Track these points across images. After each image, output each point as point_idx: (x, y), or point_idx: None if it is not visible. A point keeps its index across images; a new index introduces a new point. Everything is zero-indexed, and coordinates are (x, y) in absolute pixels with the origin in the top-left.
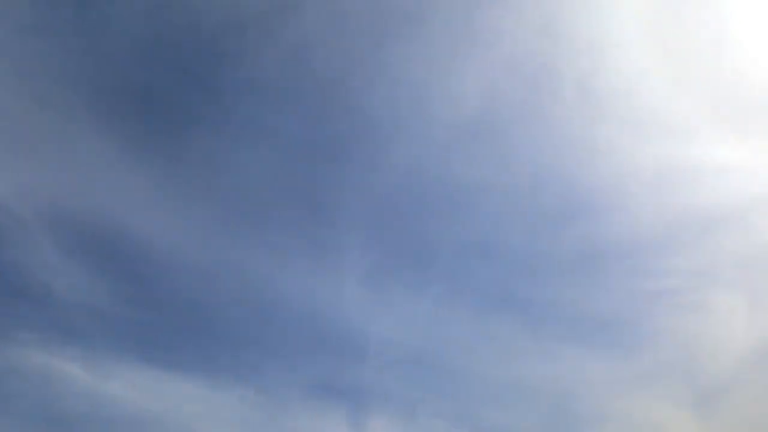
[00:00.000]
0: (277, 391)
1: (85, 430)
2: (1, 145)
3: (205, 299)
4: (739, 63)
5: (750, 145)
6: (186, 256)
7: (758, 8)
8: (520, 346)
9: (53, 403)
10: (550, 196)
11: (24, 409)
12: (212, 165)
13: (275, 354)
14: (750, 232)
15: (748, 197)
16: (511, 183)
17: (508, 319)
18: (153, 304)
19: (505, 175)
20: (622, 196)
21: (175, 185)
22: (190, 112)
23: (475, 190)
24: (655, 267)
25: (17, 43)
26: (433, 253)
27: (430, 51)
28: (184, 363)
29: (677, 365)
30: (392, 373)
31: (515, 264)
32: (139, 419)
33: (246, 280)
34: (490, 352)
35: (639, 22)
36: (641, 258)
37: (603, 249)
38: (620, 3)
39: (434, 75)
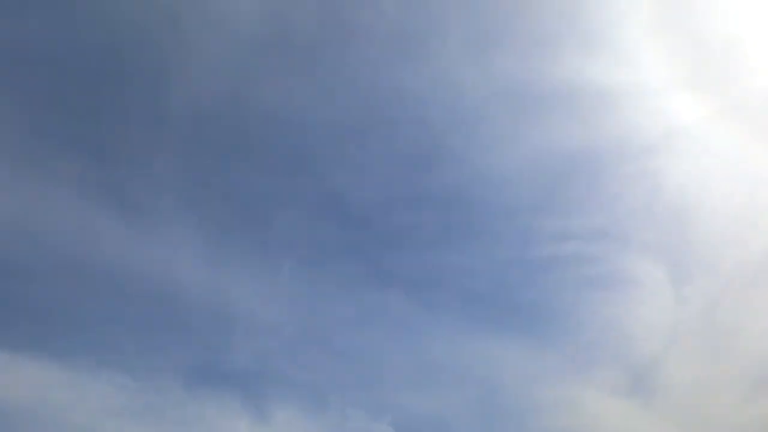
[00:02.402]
0: (153, 375)
1: None
2: None
3: (20, 266)
4: None
5: (645, 63)
6: None
7: None
8: (419, 328)
9: None
10: (394, 136)
11: None
12: None
13: (137, 334)
14: (658, 180)
15: (650, 133)
16: (347, 120)
17: (392, 295)
18: None
19: (336, 110)
20: (484, 132)
21: None
22: None
23: (300, 127)
24: (548, 229)
25: None
26: (276, 213)
27: None
28: (34, 344)
29: (606, 349)
30: (288, 358)
31: (377, 226)
32: None
33: (55, 241)
34: (388, 334)
35: None
36: (528, 217)
37: (478, 206)
38: None
39: None
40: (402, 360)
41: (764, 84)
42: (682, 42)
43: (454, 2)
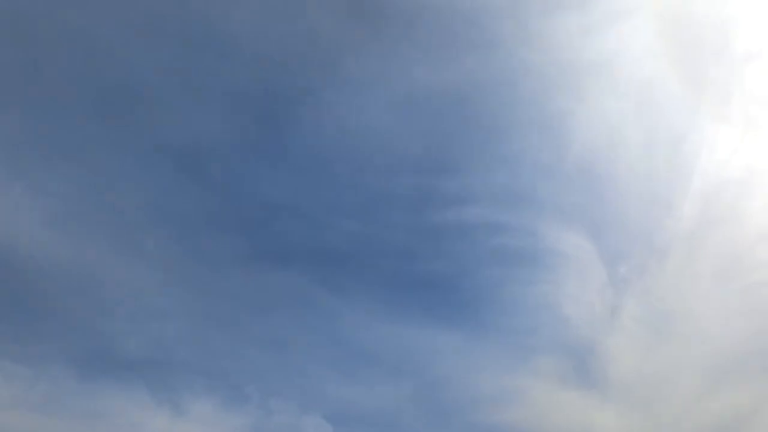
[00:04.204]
0: (47, 364)
1: None
2: None
3: None
4: None
5: None
6: None
7: None
8: (329, 310)
9: None
10: (231, 74)
11: None
12: None
13: (9, 317)
14: (564, 129)
15: (546, 69)
16: (169, 54)
17: (288, 273)
18: None
19: (153, 40)
20: (341, 66)
21: None
22: None
23: (109, 58)
24: (443, 189)
25: None
26: (111, 174)
27: None
28: None
29: (544, 334)
30: (192, 346)
31: (237, 191)
32: None
33: None
34: (296, 317)
35: None
36: (416, 175)
37: (353, 162)
38: None
39: None
40: (321, 347)
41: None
42: None
43: None
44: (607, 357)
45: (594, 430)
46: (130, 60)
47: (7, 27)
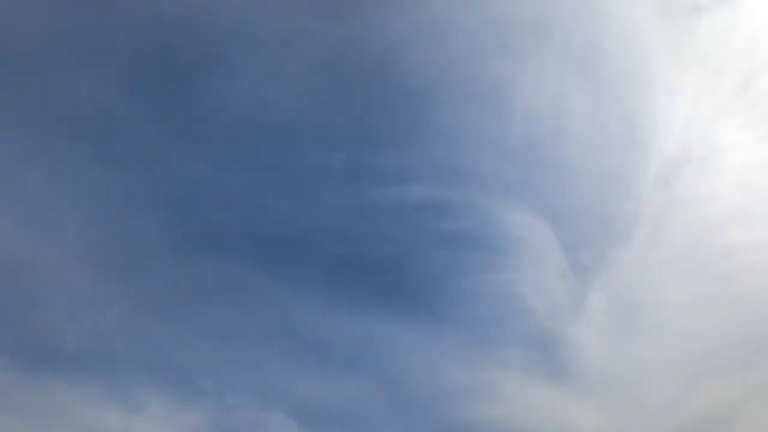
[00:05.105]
0: None
1: None
2: None
3: None
4: None
5: None
6: None
7: None
8: (275, 300)
9: None
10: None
11: None
12: None
13: None
14: (505, 97)
15: (483, 28)
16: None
17: (227, 260)
18: None
19: None
20: (254, 28)
21: None
22: None
23: None
24: (379, 164)
25: None
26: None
27: None
28: None
29: (508, 326)
30: (136, 337)
31: (144, 166)
32: None
33: None
34: (244, 308)
35: None
36: (347, 148)
37: (275, 132)
38: None
39: None
40: (270, 338)
41: None
42: None
43: None
44: (576, 350)
45: (568, 425)
46: (11, 23)
47: None
